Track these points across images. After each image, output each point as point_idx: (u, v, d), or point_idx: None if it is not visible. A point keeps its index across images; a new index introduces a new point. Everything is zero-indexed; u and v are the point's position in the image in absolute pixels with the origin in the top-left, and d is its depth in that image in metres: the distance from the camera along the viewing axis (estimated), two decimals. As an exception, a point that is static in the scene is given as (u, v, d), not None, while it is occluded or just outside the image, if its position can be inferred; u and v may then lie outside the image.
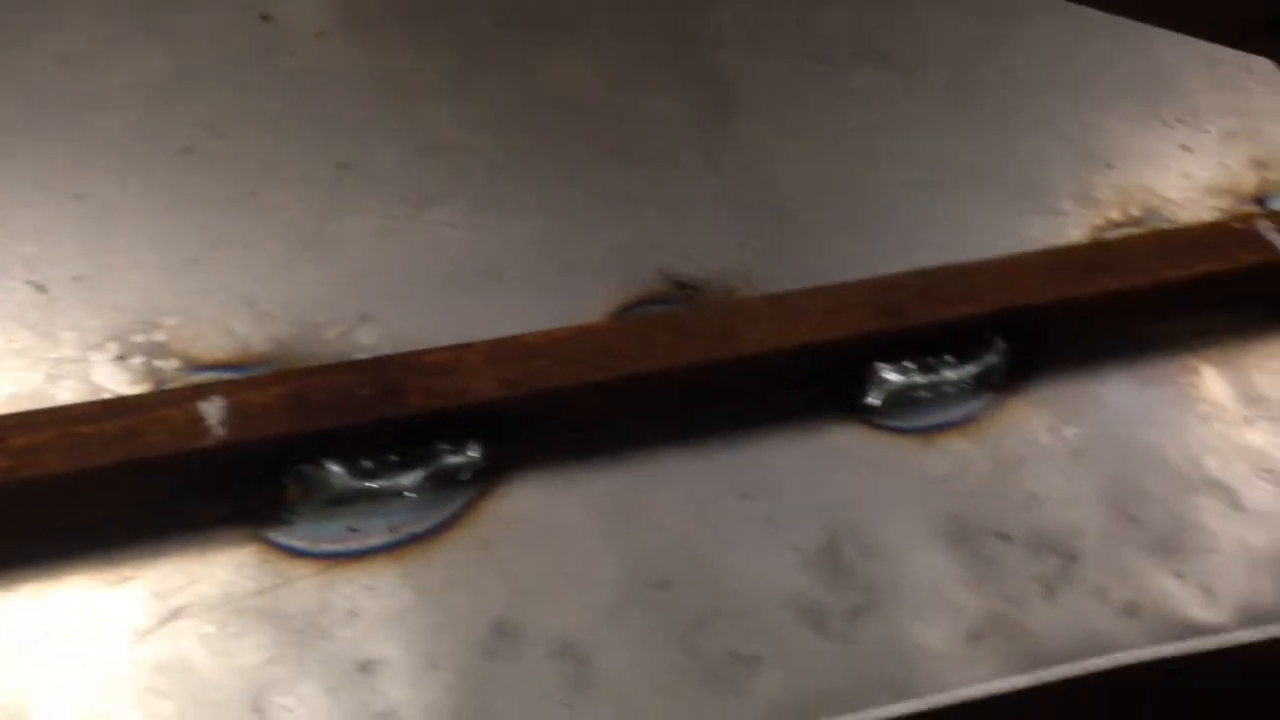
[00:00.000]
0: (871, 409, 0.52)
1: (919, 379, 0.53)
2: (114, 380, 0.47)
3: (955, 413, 0.54)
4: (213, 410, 0.43)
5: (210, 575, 0.43)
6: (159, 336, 0.49)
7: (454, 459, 0.47)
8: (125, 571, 0.43)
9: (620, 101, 0.62)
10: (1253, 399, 0.56)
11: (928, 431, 0.53)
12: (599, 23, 0.65)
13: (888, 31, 0.68)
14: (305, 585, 0.43)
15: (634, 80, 0.63)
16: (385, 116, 0.58)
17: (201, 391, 0.44)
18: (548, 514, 0.47)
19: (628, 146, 0.60)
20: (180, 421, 0.43)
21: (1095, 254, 0.57)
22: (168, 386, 0.47)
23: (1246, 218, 0.60)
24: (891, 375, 0.53)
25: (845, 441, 0.52)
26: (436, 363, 0.46)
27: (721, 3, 0.67)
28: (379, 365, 0.46)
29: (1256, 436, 0.55)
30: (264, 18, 0.61)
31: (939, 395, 0.53)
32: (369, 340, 0.50)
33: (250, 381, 0.45)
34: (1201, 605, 0.49)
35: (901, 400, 0.53)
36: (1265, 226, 0.57)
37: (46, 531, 0.43)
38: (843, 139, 0.62)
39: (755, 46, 0.65)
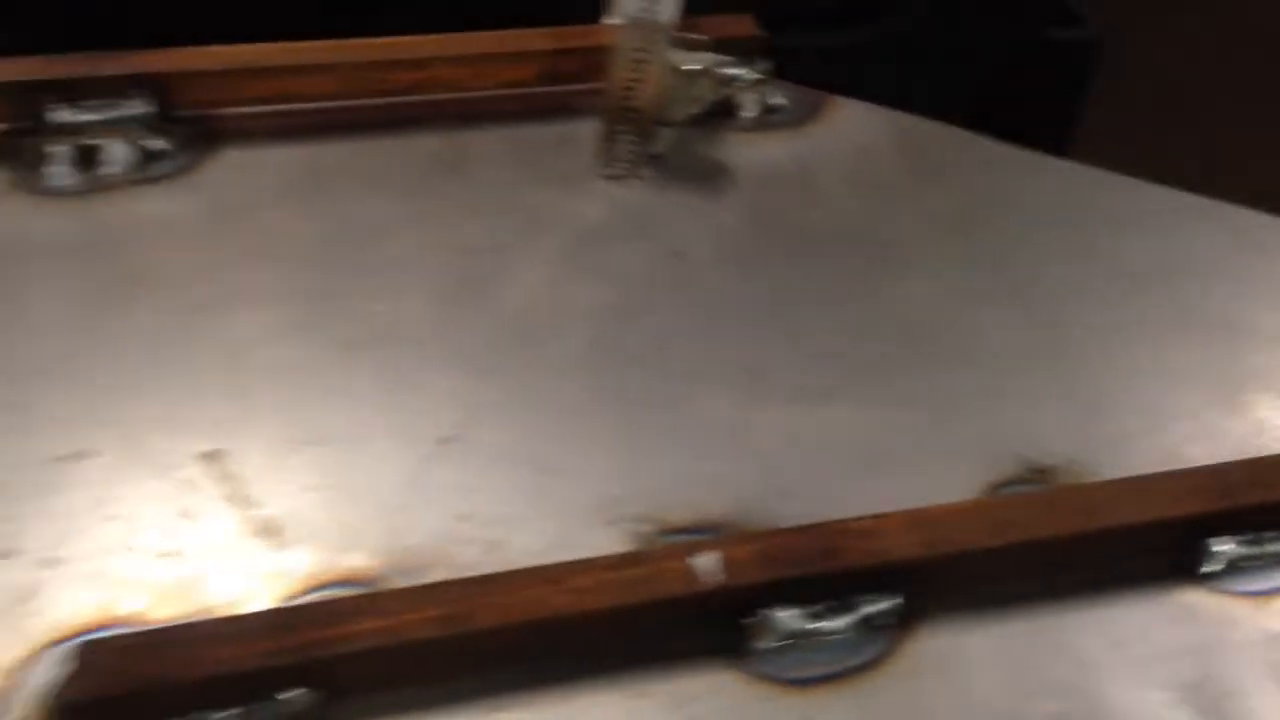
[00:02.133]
0: (1210, 575, 0.62)
1: (1248, 550, 0.63)
2: (612, 542, 0.61)
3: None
4: (705, 563, 0.57)
5: (701, 695, 0.56)
6: (635, 509, 0.63)
7: (878, 606, 0.58)
8: (638, 689, 0.56)
9: (961, 315, 0.76)
10: None
11: (1260, 595, 0.63)
12: (932, 251, 0.80)
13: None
14: (788, 704, 0.55)
15: (970, 298, 0.77)
16: (778, 330, 0.73)
17: (692, 548, 0.58)
18: (957, 652, 0.58)
19: (974, 353, 0.73)
20: (682, 571, 0.56)
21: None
22: (652, 546, 0.61)
23: None
24: (1225, 547, 0.63)
25: (1190, 601, 0.62)
26: (863, 529, 0.59)
27: (1039, 235, 0.82)
28: (819, 530, 0.59)
29: None
30: (677, 255, 0.77)
31: (1268, 564, 0.63)
32: (792, 511, 0.64)
33: (725, 541, 0.59)
34: None
35: (1234, 569, 0.62)
36: None
37: (573, 657, 0.56)
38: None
39: (1075, 269, 0.79)
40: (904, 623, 0.59)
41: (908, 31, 1.47)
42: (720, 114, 0.86)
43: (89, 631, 0.54)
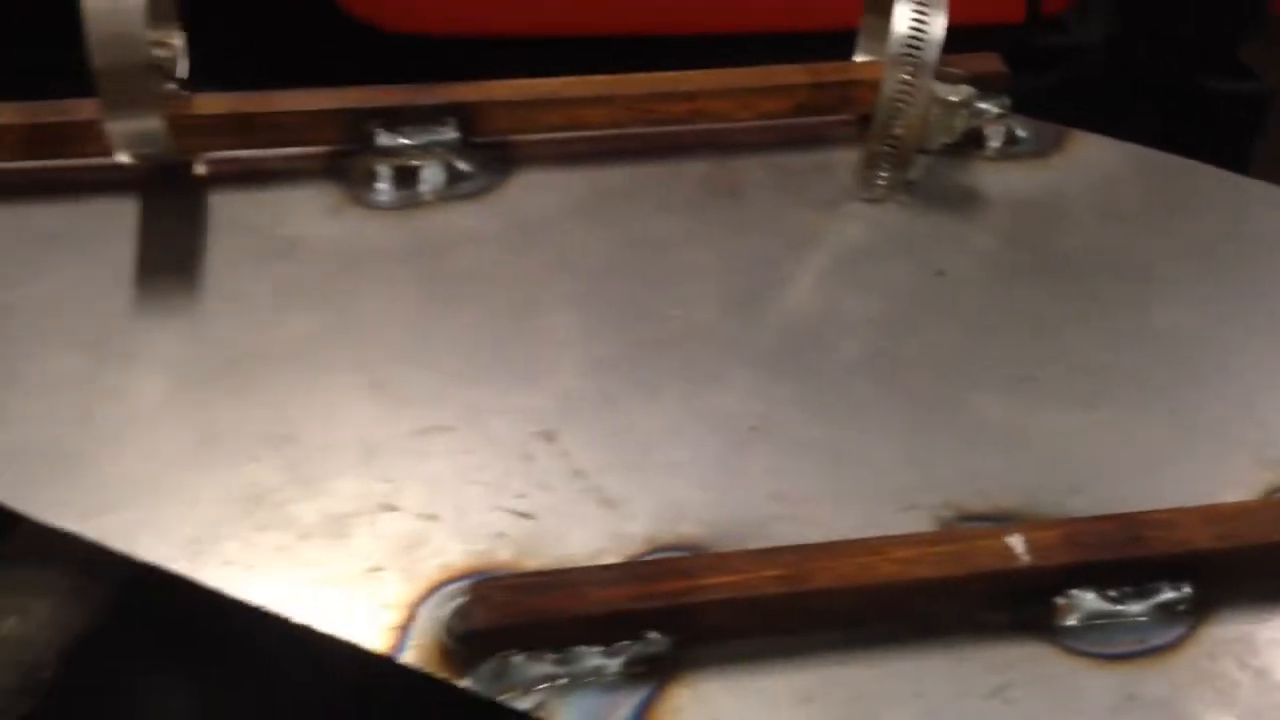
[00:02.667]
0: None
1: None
2: (915, 524, 0.67)
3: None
4: (1016, 543, 0.62)
5: (1017, 662, 0.61)
6: (932, 497, 0.68)
7: (1176, 593, 0.63)
8: (959, 654, 0.61)
9: (1217, 334, 0.80)
10: None
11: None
12: (1184, 274, 0.85)
13: None
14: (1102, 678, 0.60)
15: (1224, 319, 0.81)
16: (1042, 344, 0.79)
17: (1002, 531, 0.63)
18: (1252, 638, 0.62)
19: (1236, 370, 0.78)
20: (999, 549, 0.62)
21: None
22: (949, 526, 0.66)
23: None
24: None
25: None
26: (1164, 520, 0.64)
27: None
28: (1123, 520, 0.64)
29: None
30: (939, 273, 0.83)
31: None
32: (1080, 505, 0.68)
33: (1036, 524, 0.64)
34: None
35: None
36: None
37: (896, 622, 0.62)
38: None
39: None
40: (1198, 609, 0.63)
41: (1083, 79, 1.51)
42: (968, 144, 0.93)
43: (474, 575, 0.61)
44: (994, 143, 0.94)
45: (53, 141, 0.83)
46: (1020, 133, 0.95)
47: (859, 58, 0.97)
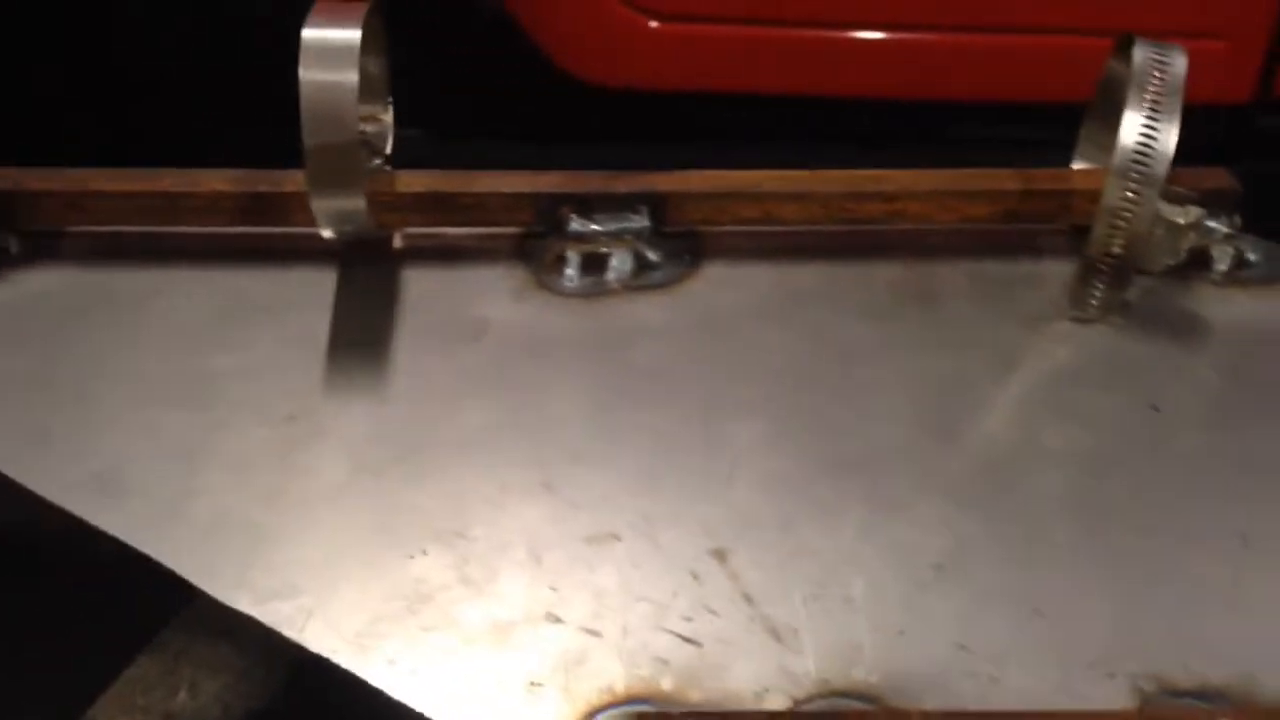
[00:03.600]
0: None
1: None
2: (1113, 695, 0.61)
3: None
4: (1228, 730, 0.56)
5: None
6: (1134, 666, 0.63)
7: None
8: None
9: None
10: None
11: None
12: None
13: None
14: None
15: None
16: (1269, 494, 0.72)
17: (1213, 714, 0.57)
18: None
19: None
20: (1206, 736, 0.56)
21: None
22: (1151, 704, 0.61)
23: None
24: None
25: None
26: None
27: None
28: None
29: None
30: (1154, 408, 0.77)
31: None
32: (1301, 690, 0.62)
33: (1252, 709, 0.58)
34: None
35: None
36: None
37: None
38: None
39: None
40: None
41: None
42: (1192, 264, 0.86)
43: (634, 702, 0.59)
44: (1221, 265, 0.87)
45: (264, 210, 0.86)
46: (1250, 255, 0.88)
47: (1077, 164, 0.92)
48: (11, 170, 0.85)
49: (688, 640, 0.63)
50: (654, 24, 1.24)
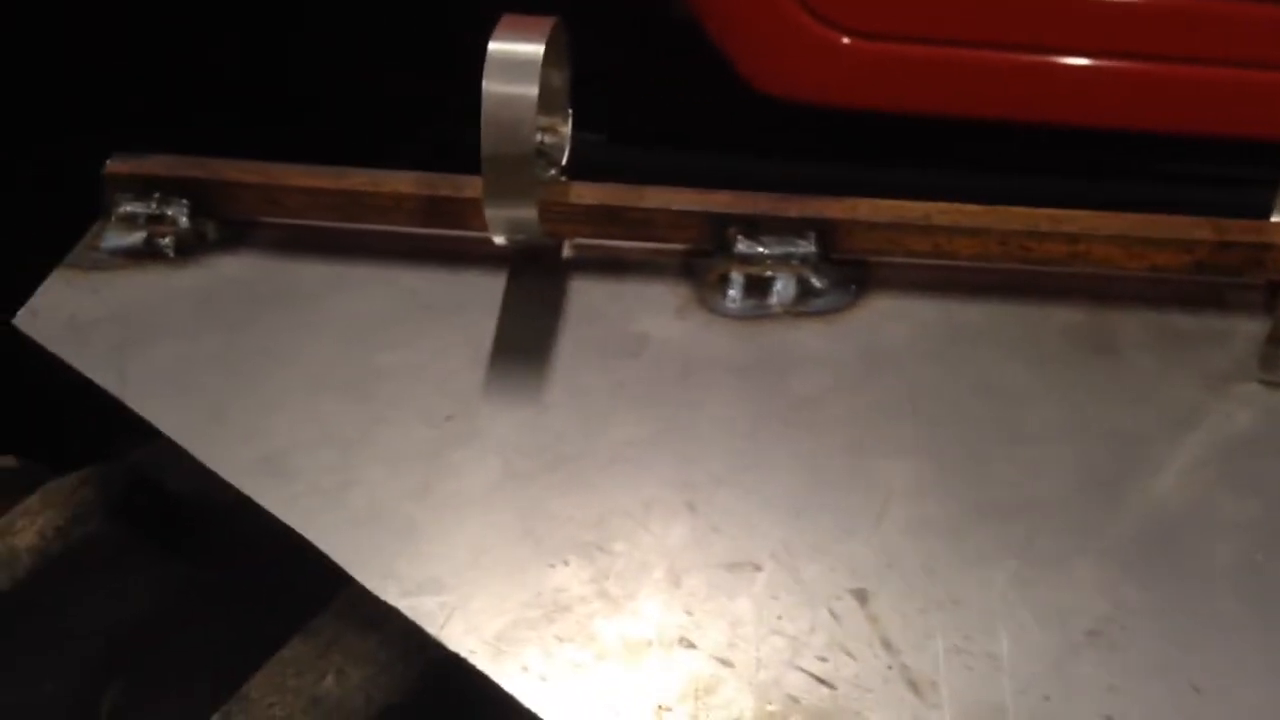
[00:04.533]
0: None
1: None
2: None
3: None
4: None
5: None
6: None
7: None
8: None
9: None
10: None
11: None
12: None
13: None
14: None
15: None
16: None
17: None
18: None
19: None
20: None
21: None
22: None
23: None
24: None
25: None
26: None
27: None
28: None
29: None
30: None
31: None
32: None
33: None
34: None
35: None
36: None
37: None
38: None
39: None
40: None
41: None
42: (1396, 334, 0.80)
43: (759, 740, 0.59)
44: None
45: (442, 213, 0.89)
46: None
47: (1276, 217, 0.87)
48: (210, 160, 0.90)
49: (821, 681, 0.62)
50: (846, 40, 1.23)
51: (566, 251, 0.91)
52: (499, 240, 0.83)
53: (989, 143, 1.30)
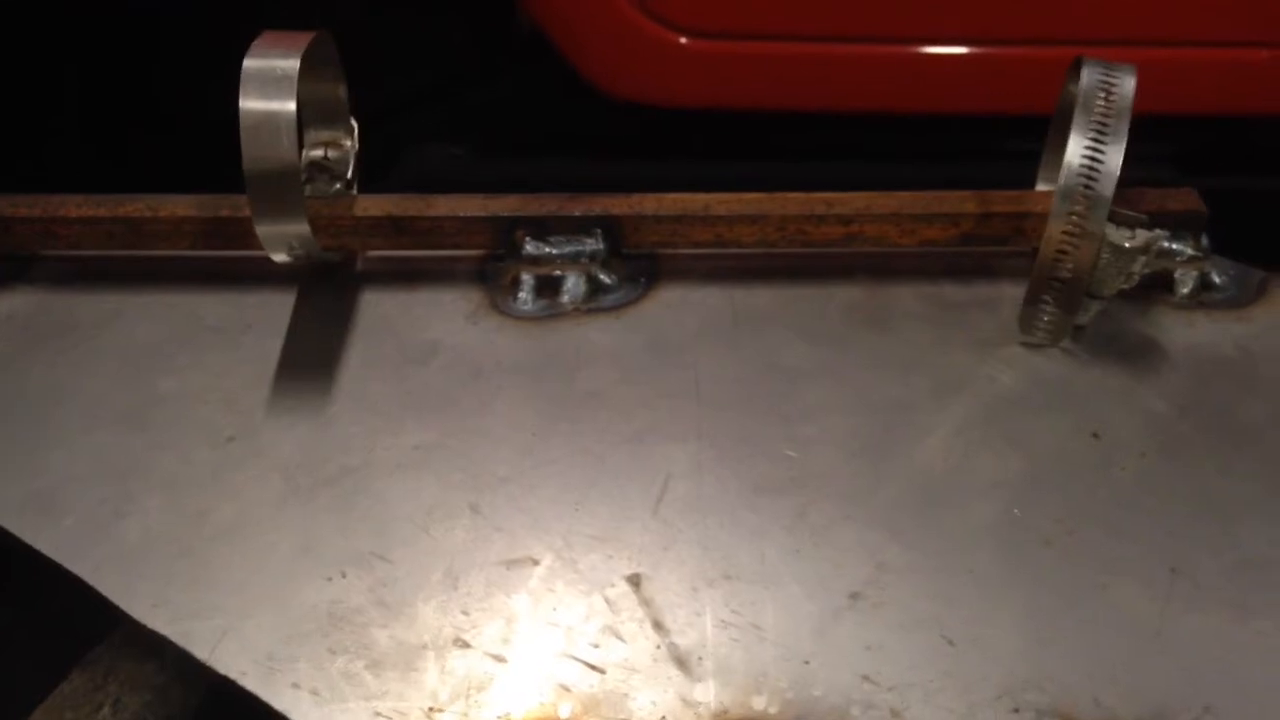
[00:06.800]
0: None
1: None
2: (1015, 728, 0.61)
3: None
4: (1122, 776, 0.55)
5: None
6: (1041, 699, 0.62)
7: None
8: None
9: None
10: None
11: None
12: None
13: None
14: None
15: None
16: (1204, 529, 0.70)
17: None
18: None
19: None
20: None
21: None
22: (1055, 740, 0.60)
23: None
24: None
25: None
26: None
27: None
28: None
29: None
30: (1094, 435, 0.76)
31: None
32: (1217, 731, 0.60)
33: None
34: None
35: None
36: None
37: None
38: None
39: None
40: None
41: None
42: (1154, 287, 0.85)
43: (529, 730, 0.60)
44: (1184, 289, 0.85)
45: (226, 234, 0.88)
46: (1216, 278, 0.86)
47: (1041, 187, 0.91)
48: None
49: (593, 667, 0.64)
50: (683, 40, 1.25)
51: (360, 265, 0.92)
52: (278, 258, 0.83)
53: (831, 134, 1.33)
